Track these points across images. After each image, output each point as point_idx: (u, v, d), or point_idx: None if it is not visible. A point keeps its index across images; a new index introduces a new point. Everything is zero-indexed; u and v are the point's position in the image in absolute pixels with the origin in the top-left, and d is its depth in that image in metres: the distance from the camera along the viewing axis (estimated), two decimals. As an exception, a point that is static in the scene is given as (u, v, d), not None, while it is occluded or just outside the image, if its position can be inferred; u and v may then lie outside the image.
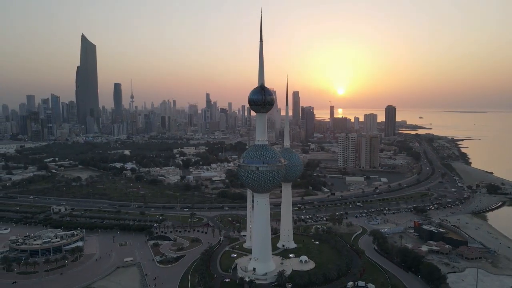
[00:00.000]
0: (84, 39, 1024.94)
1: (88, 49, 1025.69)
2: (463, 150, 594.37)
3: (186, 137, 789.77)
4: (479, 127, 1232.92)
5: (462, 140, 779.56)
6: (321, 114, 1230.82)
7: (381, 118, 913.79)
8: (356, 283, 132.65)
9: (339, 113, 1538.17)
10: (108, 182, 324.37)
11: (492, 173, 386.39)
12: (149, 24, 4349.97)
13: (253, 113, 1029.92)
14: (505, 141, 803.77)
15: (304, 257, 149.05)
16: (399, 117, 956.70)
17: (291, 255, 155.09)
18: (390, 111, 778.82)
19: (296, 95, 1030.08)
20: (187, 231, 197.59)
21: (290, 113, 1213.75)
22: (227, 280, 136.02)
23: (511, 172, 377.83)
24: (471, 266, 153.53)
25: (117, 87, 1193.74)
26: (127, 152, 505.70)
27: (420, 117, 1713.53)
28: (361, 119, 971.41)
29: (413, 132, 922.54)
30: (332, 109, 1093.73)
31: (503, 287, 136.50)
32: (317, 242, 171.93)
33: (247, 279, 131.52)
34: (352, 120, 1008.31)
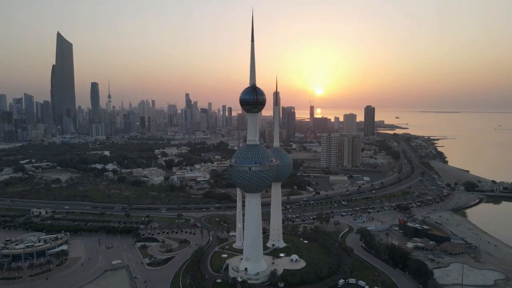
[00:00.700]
0: (60, 37, 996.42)
1: (64, 48, 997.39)
2: (439, 149, 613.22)
3: (167, 137, 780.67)
4: (452, 127, 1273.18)
5: (438, 139, 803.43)
6: (301, 114, 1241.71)
7: (359, 118, 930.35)
8: (347, 280, 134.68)
9: (318, 113, 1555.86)
10: (89, 184, 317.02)
11: (468, 171, 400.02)
12: (127, 23, 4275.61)
13: (233, 113, 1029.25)
14: (478, 140, 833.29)
15: (294, 256, 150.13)
16: (377, 117, 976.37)
17: (281, 254, 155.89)
18: (369, 111, 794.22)
19: (276, 95, 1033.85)
20: (175, 232, 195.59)
21: (271, 113, 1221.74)
22: (219, 280, 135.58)
23: (486, 170, 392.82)
24: (455, 261, 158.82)
25: (94, 86, 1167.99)
26: (107, 153, 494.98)
27: (397, 117, 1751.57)
28: (341, 119, 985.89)
29: (391, 132, 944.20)
30: (312, 109, 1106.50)
31: (487, 281, 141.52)
32: (306, 241, 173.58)
33: (239, 279, 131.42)
34: (332, 120, 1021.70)
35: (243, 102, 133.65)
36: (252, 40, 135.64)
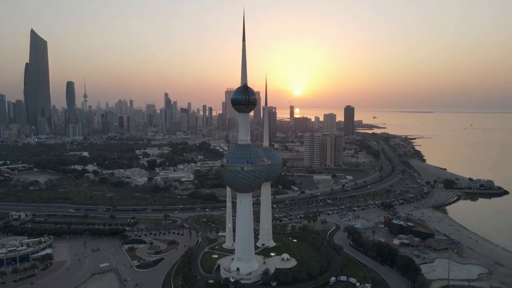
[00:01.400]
0: (33, 34, 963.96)
1: (38, 45, 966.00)
2: (416, 148, 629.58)
3: (147, 137, 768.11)
4: (426, 127, 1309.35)
5: (414, 138, 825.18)
6: (281, 114, 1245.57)
7: (339, 118, 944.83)
8: (338, 278, 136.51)
9: (296, 113, 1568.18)
10: (70, 186, 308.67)
11: (445, 169, 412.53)
12: (103, 20, 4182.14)
13: (213, 113, 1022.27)
14: (452, 140, 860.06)
15: (285, 255, 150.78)
16: (355, 117, 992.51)
17: (272, 254, 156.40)
18: (349, 111, 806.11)
19: (257, 95, 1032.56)
20: (162, 234, 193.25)
21: (252, 113, 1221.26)
22: (211, 281, 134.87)
23: (463, 168, 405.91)
24: (439, 257, 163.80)
25: (70, 85, 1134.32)
26: (86, 153, 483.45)
27: (374, 117, 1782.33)
28: (320, 119, 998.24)
29: (369, 131, 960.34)
30: (292, 109, 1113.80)
31: (471, 275, 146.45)
32: (295, 240, 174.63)
33: (232, 280, 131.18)
34: (313, 120, 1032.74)
35: (235, 102, 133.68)
36: (244, 40, 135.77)
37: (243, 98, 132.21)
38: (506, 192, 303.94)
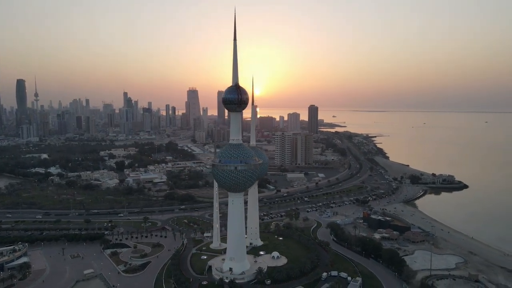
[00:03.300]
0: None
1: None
2: (378, 145, 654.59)
3: (109, 138, 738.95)
4: (379, 125, 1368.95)
5: (375, 136, 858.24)
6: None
7: (302, 117, 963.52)
8: (329, 273, 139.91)
9: (257, 112, 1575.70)
10: (34, 190, 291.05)
11: (408, 165, 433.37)
12: (57, 16, 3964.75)
13: (176, 113, 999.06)
14: (409, 138, 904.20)
15: (275, 253, 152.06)
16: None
17: (261, 252, 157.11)
18: (313, 110, 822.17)
19: (220, 94, 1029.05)
20: (145, 237, 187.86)
21: (215, 113, 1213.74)
22: (204, 282, 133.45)
23: (424, 164, 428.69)
24: (418, 249, 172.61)
25: (21, 83, 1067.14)
26: (45, 155, 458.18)
27: (334, 116, 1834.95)
28: (284, 118, 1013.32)
29: (332, 130, 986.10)
30: (255, 108, 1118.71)
31: (449, 265, 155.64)
32: (280, 238, 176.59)
33: (226, 280, 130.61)
34: (277, 119, 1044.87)
35: (227, 101, 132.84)
36: (235, 39, 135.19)
37: (235, 98, 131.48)
38: (466, 186, 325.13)
